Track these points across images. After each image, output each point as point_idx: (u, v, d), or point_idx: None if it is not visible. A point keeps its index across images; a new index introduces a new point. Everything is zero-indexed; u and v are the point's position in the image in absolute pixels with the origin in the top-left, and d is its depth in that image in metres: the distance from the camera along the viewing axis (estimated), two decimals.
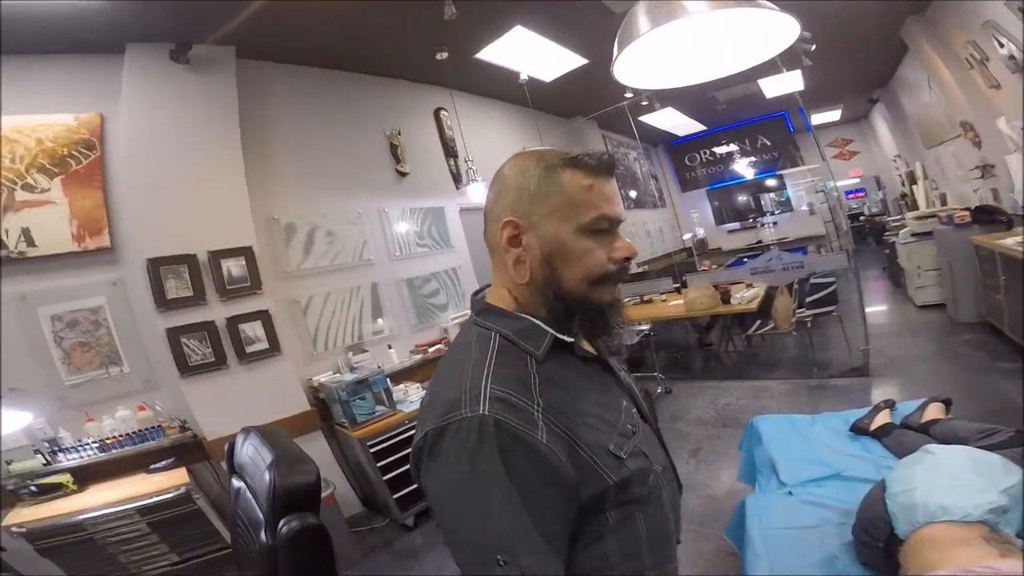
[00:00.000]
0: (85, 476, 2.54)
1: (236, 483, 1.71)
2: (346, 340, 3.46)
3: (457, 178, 4.50)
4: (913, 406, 1.90)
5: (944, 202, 6.05)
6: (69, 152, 2.65)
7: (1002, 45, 3.59)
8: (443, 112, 4.51)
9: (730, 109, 7.17)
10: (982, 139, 4.59)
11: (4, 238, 2.51)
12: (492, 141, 5.01)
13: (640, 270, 6.73)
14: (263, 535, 1.27)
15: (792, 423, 2.06)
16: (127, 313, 2.74)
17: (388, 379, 3.15)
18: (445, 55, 3.74)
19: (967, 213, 4.47)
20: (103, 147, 2.72)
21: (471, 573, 0.63)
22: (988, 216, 4.27)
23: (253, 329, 2.90)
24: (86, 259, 2.66)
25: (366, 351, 3.43)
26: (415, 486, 2.84)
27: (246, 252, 2.92)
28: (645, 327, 4.44)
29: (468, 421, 0.62)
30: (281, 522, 1.19)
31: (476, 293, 0.81)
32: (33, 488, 2.46)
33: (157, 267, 2.68)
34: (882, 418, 1.86)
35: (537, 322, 0.72)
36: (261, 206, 3.14)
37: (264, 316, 2.94)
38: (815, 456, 1.74)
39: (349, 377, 2.98)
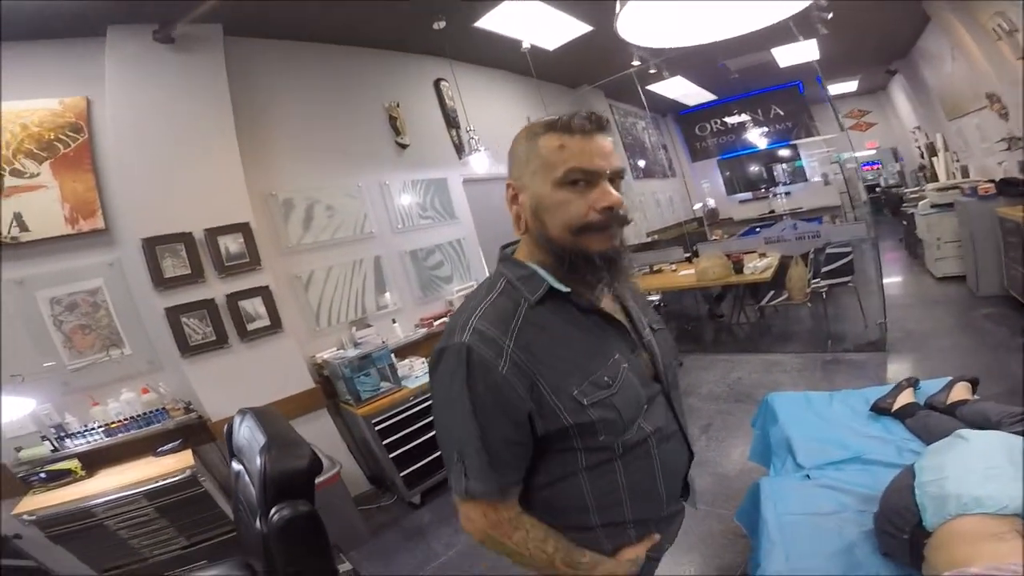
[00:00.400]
0: (94, 461, 2.55)
1: (236, 466, 1.68)
2: (349, 315, 3.41)
3: (459, 149, 4.37)
4: (937, 385, 1.80)
5: (965, 174, 5.86)
6: (56, 136, 2.59)
7: None
8: (443, 83, 4.34)
9: (742, 79, 6.91)
10: (1009, 111, 4.40)
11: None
12: (496, 111, 4.85)
13: (650, 239, 6.61)
14: (258, 521, 1.24)
15: (809, 401, 1.98)
16: (126, 294, 2.71)
17: (393, 354, 3.10)
18: (443, 24, 3.57)
19: (991, 185, 4.30)
20: (91, 130, 2.65)
21: (445, 462, 0.82)
22: (1014, 188, 4.10)
23: (254, 306, 2.86)
24: (81, 241, 2.63)
25: (370, 326, 3.38)
26: (421, 463, 2.88)
27: (243, 228, 2.85)
28: (655, 297, 4.34)
29: (453, 347, 0.76)
30: (273, 510, 1.17)
31: (506, 246, 0.92)
32: (43, 475, 2.46)
33: (153, 246, 2.63)
34: (905, 397, 1.76)
35: (540, 272, 0.82)
36: (258, 182, 3.06)
37: (264, 292, 2.89)
38: (834, 437, 1.67)
39: (352, 353, 2.94)
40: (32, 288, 2.54)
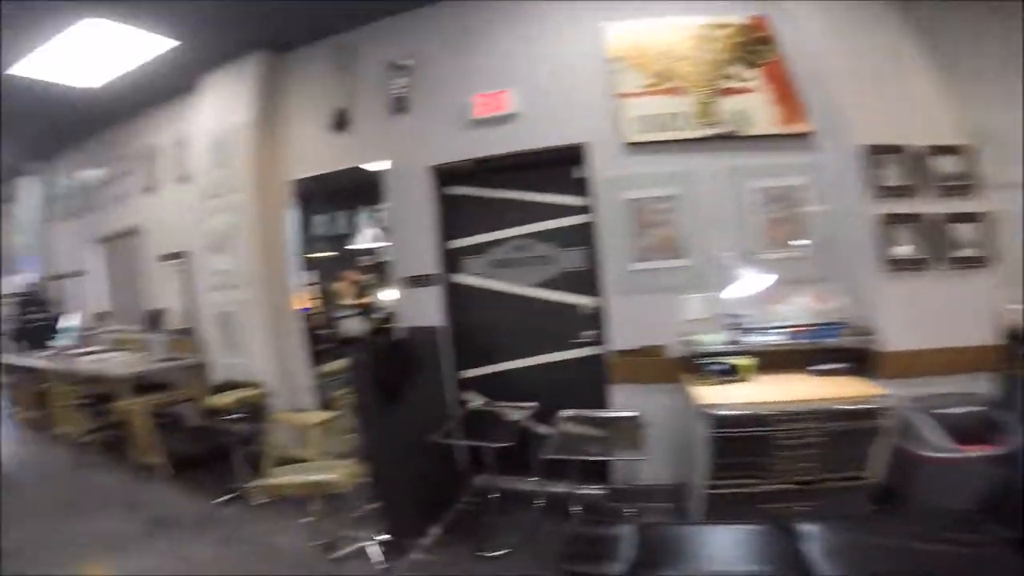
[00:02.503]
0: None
1: None
2: None
3: None
4: None
5: None
6: (751, 48, 2.78)
7: None
8: None
9: None
10: None
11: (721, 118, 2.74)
12: None
13: None
14: None
15: None
16: (827, 197, 2.67)
17: None
18: None
19: None
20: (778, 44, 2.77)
21: None
22: None
23: (965, 231, 2.47)
24: (788, 142, 2.71)
25: None
26: None
27: (961, 150, 2.52)
28: None
29: None
30: None
31: None
32: (723, 366, 2.43)
33: (869, 154, 2.48)
34: None
35: None
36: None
37: (981, 219, 2.46)
38: None
39: None
40: (742, 177, 2.72)
